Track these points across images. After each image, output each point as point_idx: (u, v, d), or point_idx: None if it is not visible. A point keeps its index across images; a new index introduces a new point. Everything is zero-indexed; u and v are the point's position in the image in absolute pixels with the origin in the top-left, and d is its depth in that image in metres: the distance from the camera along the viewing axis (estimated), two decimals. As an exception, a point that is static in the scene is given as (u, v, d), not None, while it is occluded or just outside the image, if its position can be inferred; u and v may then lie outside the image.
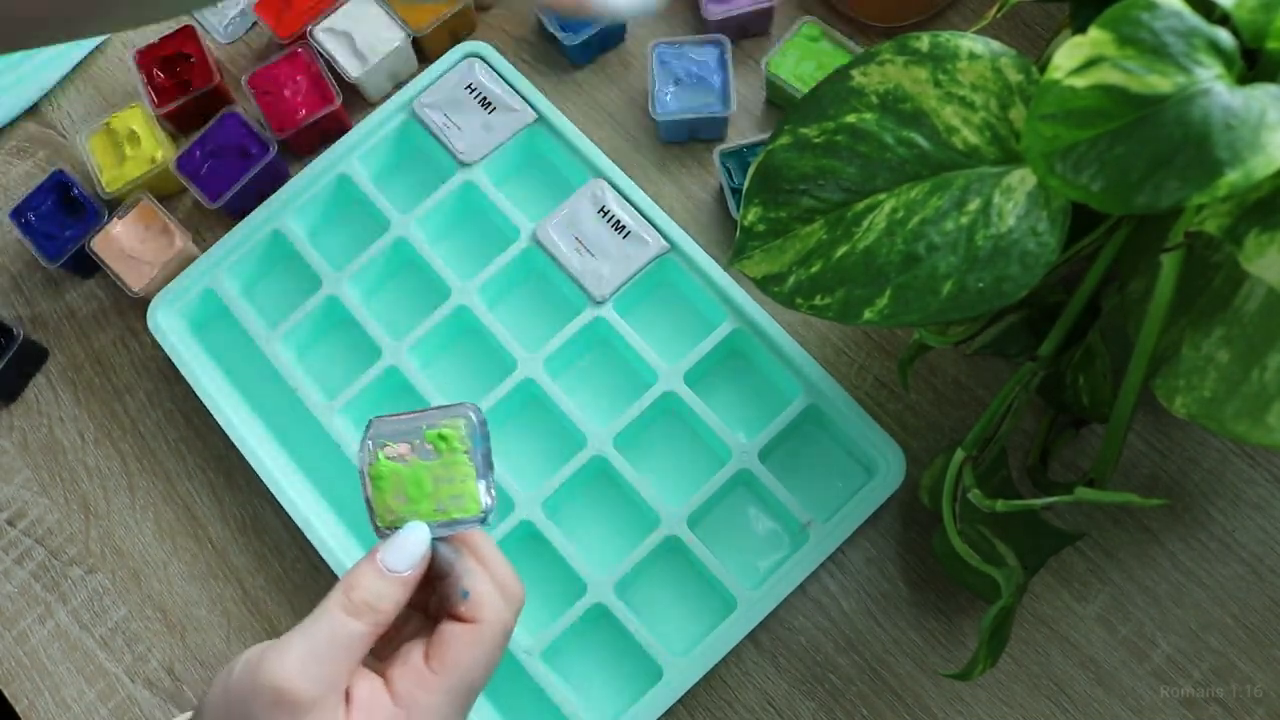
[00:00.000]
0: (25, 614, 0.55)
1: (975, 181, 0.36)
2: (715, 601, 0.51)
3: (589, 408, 0.53)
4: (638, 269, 0.53)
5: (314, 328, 0.56)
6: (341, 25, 0.60)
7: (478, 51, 0.58)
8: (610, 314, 0.53)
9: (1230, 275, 0.34)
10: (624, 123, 0.60)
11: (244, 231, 0.56)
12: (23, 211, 0.58)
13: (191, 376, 0.54)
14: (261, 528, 0.55)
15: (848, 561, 0.52)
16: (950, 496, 0.44)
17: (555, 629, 0.49)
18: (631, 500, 0.52)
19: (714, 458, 0.52)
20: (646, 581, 0.52)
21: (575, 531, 0.52)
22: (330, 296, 0.55)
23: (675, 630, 0.50)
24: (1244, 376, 0.33)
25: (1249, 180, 0.28)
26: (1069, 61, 0.31)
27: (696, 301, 0.55)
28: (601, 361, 0.55)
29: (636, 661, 0.50)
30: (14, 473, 0.57)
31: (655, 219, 0.54)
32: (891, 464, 0.50)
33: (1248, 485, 0.51)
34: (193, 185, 0.58)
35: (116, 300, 0.60)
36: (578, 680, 0.51)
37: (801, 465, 0.52)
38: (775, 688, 0.51)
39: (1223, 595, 0.50)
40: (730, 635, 0.48)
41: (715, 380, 0.54)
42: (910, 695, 0.50)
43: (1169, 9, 0.30)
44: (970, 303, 0.35)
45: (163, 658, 0.54)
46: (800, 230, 0.39)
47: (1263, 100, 0.29)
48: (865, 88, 0.38)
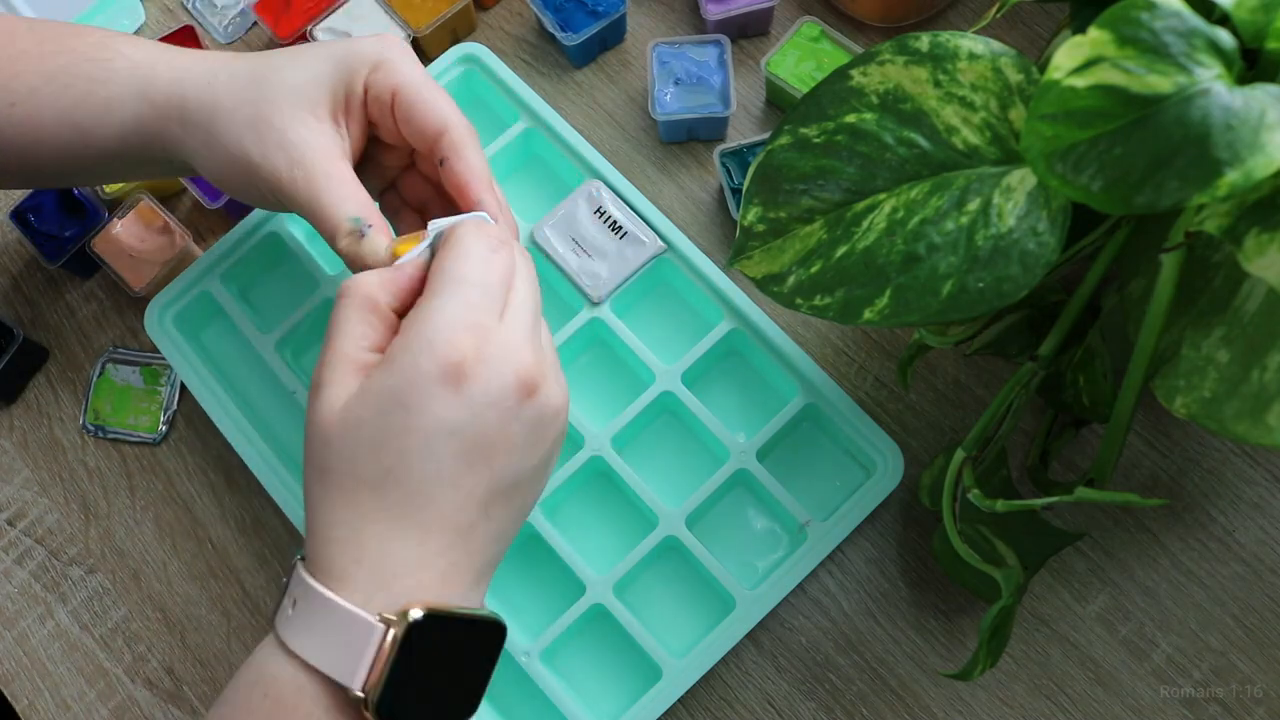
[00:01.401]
0: (25, 614, 0.55)
1: (975, 181, 0.36)
2: (714, 601, 0.51)
3: (586, 408, 0.53)
4: (635, 269, 0.53)
5: (311, 330, 0.56)
6: (341, 25, 0.60)
7: (475, 54, 0.57)
8: (607, 314, 0.53)
9: (1230, 275, 0.34)
10: (624, 123, 0.60)
11: (240, 234, 0.56)
12: (23, 211, 0.58)
13: (189, 379, 0.54)
14: (261, 528, 0.55)
15: (848, 561, 0.52)
16: (950, 496, 0.44)
17: (554, 630, 0.49)
18: (630, 500, 0.52)
19: (712, 458, 0.52)
20: (645, 582, 0.52)
21: (573, 532, 0.52)
22: (327, 299, 0.55)
23: (674, 631, 0.50)
24: (1244, 376, 0.33)
25: (1249, 180, 0.28)
26: (1069, 61, 0.31)
27: (694, 301, 0.55)
28: (599, 362, 0.55)
29: (636, 662, 0.50)
30: (14, 473, 0.57)
31: (651, 219, 0.54)
32: (890, 463, 0.50)
33: (1248, 485, 0.51)
34: (193, 185, 0.58)
35: (116, 300, 0.60)
36: (577, 681, 0.51)
37: (800, 465, 0.52)
38: (775, 688, 0.51)
39: (1223, 595, 0.50)
40: (729, 635, 0.48)
41: (713, 380, 0.54)
42: (910, 695, 0.50)
43: (1169, 9, 0.30)
44: (970, 303, 0.35)
45: (163, 658, 0.54)
46: (800, 230, 0.39)
47: (1263, 100, 0.29)
48: (865, 88, 0.38)
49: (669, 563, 0.52)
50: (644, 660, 0.49)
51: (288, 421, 0.55)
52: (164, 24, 0.65)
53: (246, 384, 0.56)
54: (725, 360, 0.54)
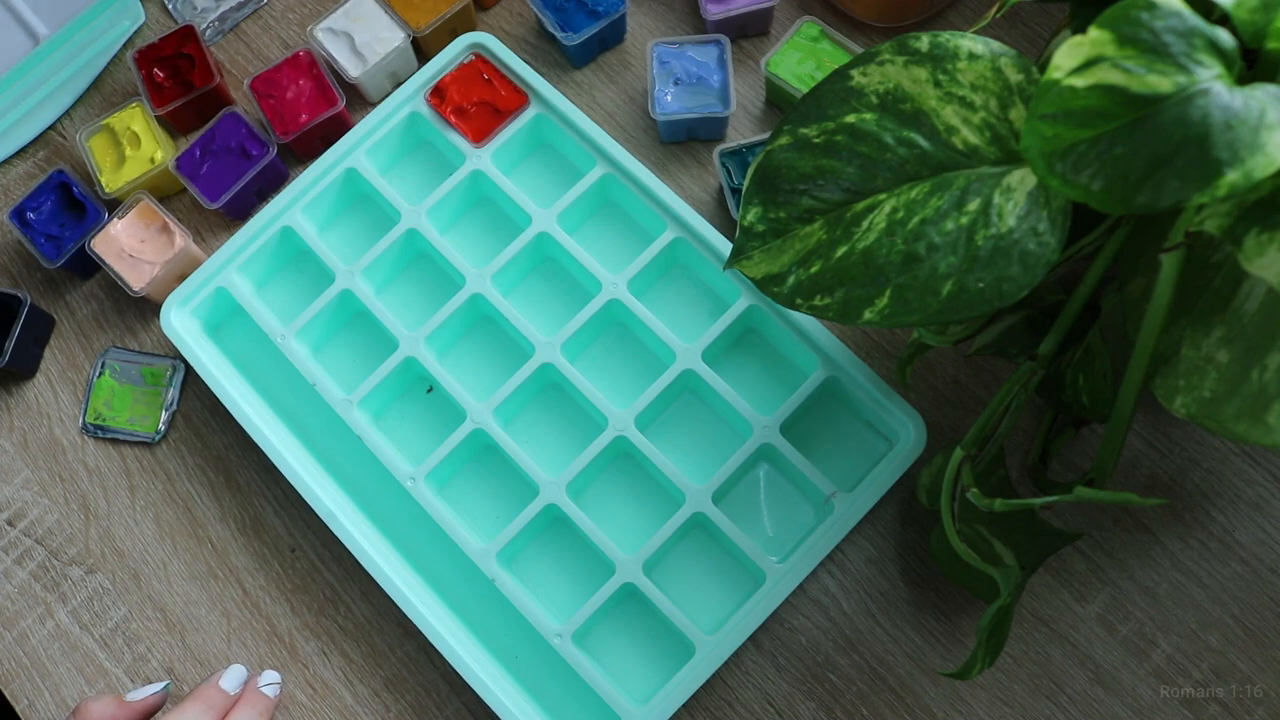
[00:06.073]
0: (25, 614, 0.55)
1: (975, 181, 0.36)
2: (743, 577, 0.51)
3: (609, 390, 0.53)
4: (651, 250, 0.54)
5: (329, 322, 0.56)
6: (341, 25, 0.60)
7: (481, 42, 0.58)
8: (625, 296, 0.54)
9: (1230, 275, 0.34)
10: (624, 123, 0.60)
11: (254, 229, 0.56)
12: (23, 211, 0.58)
13: (208, 377, 0.54)
14: (261, 528, 0.55)
15: (847, 561, 0.52)
16: (949, 495, 0.44)
17: (585, 611, 0.49)
18: (655, 480, 0.53)
19: (735, 434, 0.53)
20: (674, 560, 0.52)
21: (601, 514, 0.52)
22: (344, 291, 0.55)
23: (705, 607, 0.51)
24: (1244, 376, 0.33)
25: (1249, 180, 0.28)
26: (1069, 61, 0.31)
27: (711, 280, 0.55)
28: (618, 344, 0.56)
29: (668, 640, 0.50)
30: (14, 473, 0.57)
31: (664, 199, 0.54)
32: (912, 432, 0.50)
33: (1248, 485, 0.51)
34: (192, 185, 0.58)
35: (116, 300, 0.60)
36: (609, 662, 0.51)
37: (822, 438, 0.53)
38: (775, 688, 0.51)
39: (1223, 595, 0.50)
40: (762, 609, 0.48)
41: (733, 357, 0.55)
42: (910, 695, 0.50)
43: (1169, 9, 0.30)
44: (970, 303, 0.35)
45: (163, 658, 0.54)
46: (800, 230, 0.39)
47: (1262, 100, 0.29)
48: (865, 88, 0.38)
49: (697, 540, 0.52)
50: (676, 638, 0.49)
51: (311, 414, 0.55)
52: (164, 24, 0.65)
53: (265, 380, 0.56)
54: (744, 337, 0.55)
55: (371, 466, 0.53)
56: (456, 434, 0.52)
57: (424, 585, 0.52)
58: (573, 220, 0.56)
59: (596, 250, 0.55)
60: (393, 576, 0.50)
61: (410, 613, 0.49)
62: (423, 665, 0.53)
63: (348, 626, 0.54)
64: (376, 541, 0.52)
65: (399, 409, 0.56)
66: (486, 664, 0.50)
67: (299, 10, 0.65)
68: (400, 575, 0.51)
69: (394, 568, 0.51)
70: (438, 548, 0.52)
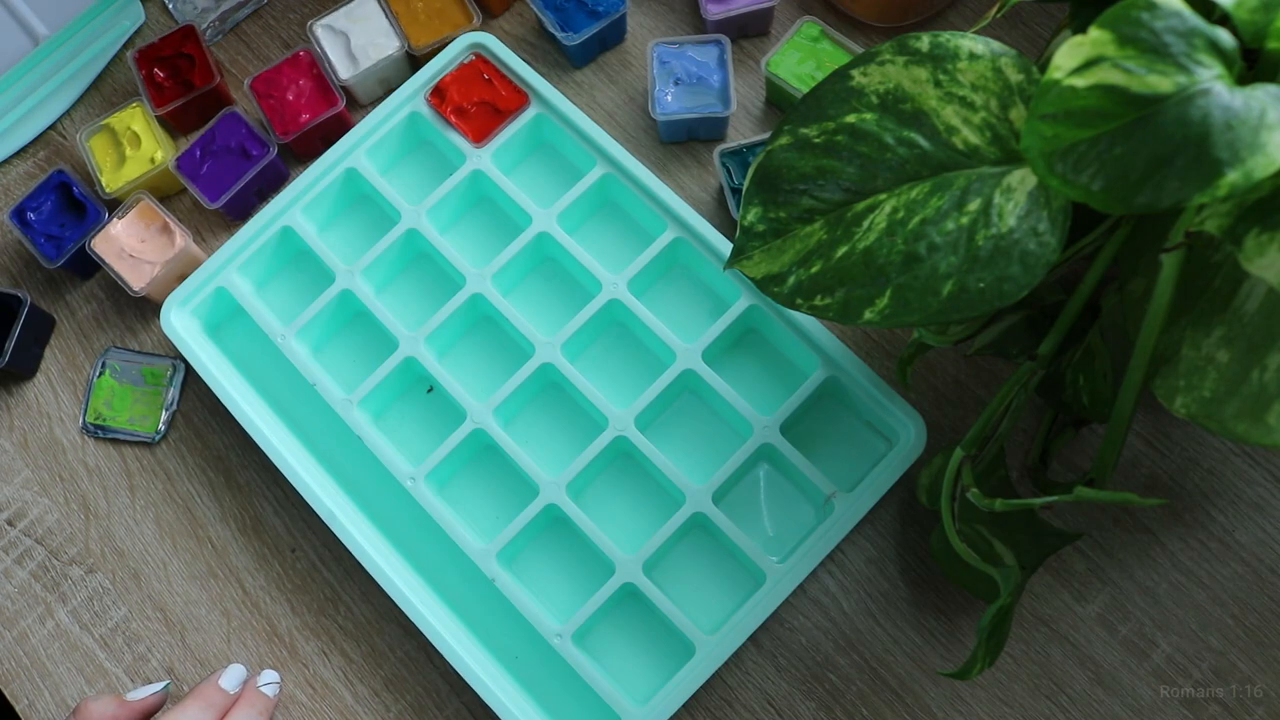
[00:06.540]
0: (25, 614, 0.55)
1: (975, 181, 0.36)
2: (743, 577, 0.51)
3: (609, 390, 0.54)
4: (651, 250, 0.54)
5: (329, 322, 0.56)
6: (341, 25, 0.60)
7: (482, 41, 0.58)
8: (625, 296, 0.54)
9: (1230, 275, 0.34)
10: (624, 123, 0.60)
11: (254, 229, 0.56)
12: (23, 211, 0.58)
13: (208, 377, 0.54)
14: (261, 528, 0.55)
15: (847, 561, 0.52)
16: (949, 495, 0.44)
17: (585, 611, 0.49)
18: (655, 480, 0.53)
19: (735, 434, 0.53)
20: (674, 560, 0.52)
21: (600, 513, 0.52)
22: (344, 291, 0.55)
23: (705, 608, 0.51)
24: (1244, 376, 0.33)
25: (1249, 180, 0.28)
26: (1069, 61, 0.31)
27: (711, 280, 0.55)
28: (618, 344, 0.56)
29: (668, 640, 0.50)
30: (14, 473, 0.57)
31: (664, 198, 0.54)
32: (912, 432, 0.50)
33: (1248, 485, 0.51)
34: (192, 185, 0.58)
35: (116, 300, 0.60)
36: (609, 661, 0.51)
37: (822, 438, 0.53)
38: (775, 688, 0.51)
39: (1223, 595, 0.50)
40: (762, 609, 0.48)
41: (733, 357, 0.55)
42: (910, 695, 0.50)
43: (1169, 9, 0.30)
44: (970, 303, 0.35)
45: (163, 658, 0.54)
46: (800, 230, 0.39)
47: (1263, 100, 0.29)
48: (865, 88, 0.38)
49: (698, 540, 0.52)
50: (676, 638, 0.49)
51: (311, 414, 0.55)
52: (164, 24, 0.65)
53: (265, 380, 0.56)
54: (744, 337, 0.55)
55: (371, 466, 0.53)
56: (456, 434, 0.52)
57: (424, 585, 0.52)
58: (573, 220, 0.56)
59: (596, 250, 0.55)
60: (393, 576, 0.50)
61: (410, 613, 0.49)
62: (423, 665, 0.53)
63: (348, 626, 0.54)
64: (376, 541, 0.52)
65: (399, 409, 0.56)
66: (486, 664, 0.50)
67: (299, 10, 0.65)
68: (400, 575, 0.51)
69: (394, 568, 0.51)
70: (438, 548, 0.52)
